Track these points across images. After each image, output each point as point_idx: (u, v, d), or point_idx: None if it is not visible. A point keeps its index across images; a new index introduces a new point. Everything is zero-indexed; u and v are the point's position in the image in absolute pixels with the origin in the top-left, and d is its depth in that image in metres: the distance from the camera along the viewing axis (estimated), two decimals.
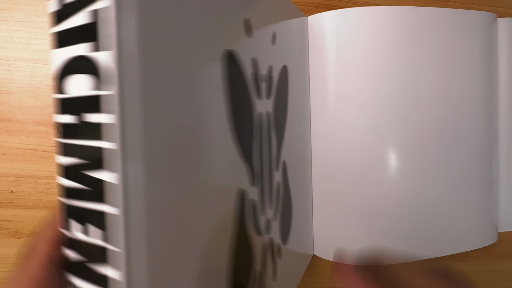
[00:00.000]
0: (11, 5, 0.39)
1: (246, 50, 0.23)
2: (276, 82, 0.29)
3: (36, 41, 0.39)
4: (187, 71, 0.17)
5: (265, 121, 0.27)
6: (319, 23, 0.39)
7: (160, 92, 0.15)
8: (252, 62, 0.24)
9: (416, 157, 0.39)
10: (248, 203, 0.24)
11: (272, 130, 0.28)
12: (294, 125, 0.34)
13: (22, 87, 0.39)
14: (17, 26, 0.39)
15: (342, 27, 0.38)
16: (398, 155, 0.38)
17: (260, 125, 0.26)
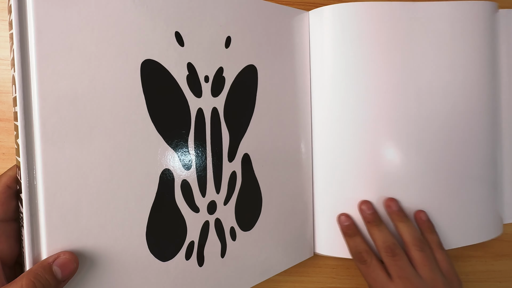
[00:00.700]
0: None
1: (177, 57, 0.29)
2: (233, 81, 0.33)
3: None
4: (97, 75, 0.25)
5: (208, 116, 0.31)
6: (319, 17, 0.39)
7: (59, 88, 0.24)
8: (188, 66, 0.30)
9: (419, 153, 0.39)
10: (178, 182, 0.29)
11: (222, 124, 0.32)
12: (271, 121, 0.36)
13: None
14: None
15: (341, 21, 0.38)
16: (401, 152, 0.38)
17: (202, 119, 0.31)
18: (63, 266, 0.21)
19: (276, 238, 0.38)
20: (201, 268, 0.31)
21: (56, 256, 0.22)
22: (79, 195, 0.24)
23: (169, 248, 0.29)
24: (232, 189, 0.34)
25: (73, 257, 0.22)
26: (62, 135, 0.24)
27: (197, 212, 0.31)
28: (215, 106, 0.32)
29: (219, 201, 0.33)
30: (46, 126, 0.23)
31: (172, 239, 0.30)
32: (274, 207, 0.37)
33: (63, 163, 0.24)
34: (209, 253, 0.32)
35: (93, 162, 0.25)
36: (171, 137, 0.29)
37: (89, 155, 0.25)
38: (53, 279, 0.21)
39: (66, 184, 0.24)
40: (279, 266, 0.38)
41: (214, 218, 0.32)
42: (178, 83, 0.29)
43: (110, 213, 0.26)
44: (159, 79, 0.28)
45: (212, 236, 0.32)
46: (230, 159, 0.33)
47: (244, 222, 0.35)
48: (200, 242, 0.31)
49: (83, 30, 0.24)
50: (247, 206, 0.35)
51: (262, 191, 0.36)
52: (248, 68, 0.34)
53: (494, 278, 0.47)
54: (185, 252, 0.30)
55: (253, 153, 0.35)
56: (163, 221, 0.29)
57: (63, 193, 0.24)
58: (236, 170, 0.34)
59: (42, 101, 0.23)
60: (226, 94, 0.33)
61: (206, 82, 0.31)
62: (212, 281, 0.32)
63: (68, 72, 0.24)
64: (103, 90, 0.25)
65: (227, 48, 0.33)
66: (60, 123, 0.24)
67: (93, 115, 0.25)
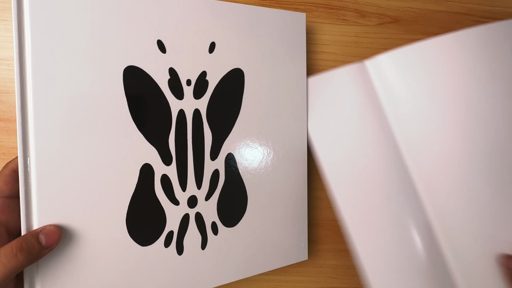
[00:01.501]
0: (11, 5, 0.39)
1: (159, 63, 0.32)
2: (216, 84, 0.35)
3: None
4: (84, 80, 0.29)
5: (190, 116, 0.34)
6: (377, 69, 0.37)
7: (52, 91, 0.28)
8: (170, 71, 0.32)
9: None
10: (158, 176, 0.33)
11: (204, 124, 0.34)
12: (259, 123, 0.37)
13: None
14: None
15: (405, 69, 0.35)
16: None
17: (183, 119, 0.33)
18: (48, 235, 0.27)
19: (263, 237, 0.38)
20: (181, 256, 0.34)
21: (43, 227, 0.27)
22: (67, 181, 0.29)
23: (148, 234, 0.33)
24: (214, 186, 0.35)
25: (57, 230, 0.27)
26: (53, 129, 0.28)
27: (177, 205, 0.34)
28: (197, 107, 0.34)
29: (200, 196, 0.35)
30: (39, 121, 0.28)
31: (150, 227, 0.33)
32: (261, 206, 0.38)
33: (53, 153, 0.28)
34: (189, 244, 0.34)
35: (80, 154, 0.29)
36: (151, 135, 0.32)
37: (76, 147, 0.29)
38: (38, 244, 0.26)
39: (56, 171, 0.28)
40: (267, 265, 0.39)
41: (195, 212, 0.35)
42: (159, 87, 0.32)
43: (94, 198, 0.30)
44: (141, 83, 0.31)
45: (192, 228, 0.35)
46: (213, 158, 0.35)
47: (227, 218, 0.36)
48: (179, 232, 0.34)
49: (71, 39, 0.29)
50: (230, 203, 0.36)
51: (247, 190, 0.37)
52: (233, 72, 0.36)
53: None
54: (164, 240, 0.33)
55: (238, 153, 0.36)
56: (143, 210, 0.32)
57: (53, 179, 0.28)
58: (219, 168, 0.36)
59: (36, 100, 0.28)
60: (209, 96, 0.35)
61: (188, 85, 0.34)
62: (192, 270, 0.35)
63: (58, 75, 0.28)
64: (89, 92, 0.29)
65: (211, 53, 0.35)
66: (51, 119, 0.28)
67: (80, 113, 0.29)
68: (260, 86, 0.37)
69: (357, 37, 0.44)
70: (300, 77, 0.40)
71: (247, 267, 0.38)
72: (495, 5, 0.46)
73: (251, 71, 0.37)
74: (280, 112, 0.38)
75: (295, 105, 0.39)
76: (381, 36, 0.44)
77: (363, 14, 0.44)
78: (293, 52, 0.39)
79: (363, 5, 0.44)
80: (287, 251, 0.40)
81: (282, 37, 0.38)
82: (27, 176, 0.27)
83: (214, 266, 0.36)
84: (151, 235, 0.33)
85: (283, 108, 0.39)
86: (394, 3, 0.45)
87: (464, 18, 0.45)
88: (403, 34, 0.44)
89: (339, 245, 0.44)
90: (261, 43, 0.37)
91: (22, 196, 0.27)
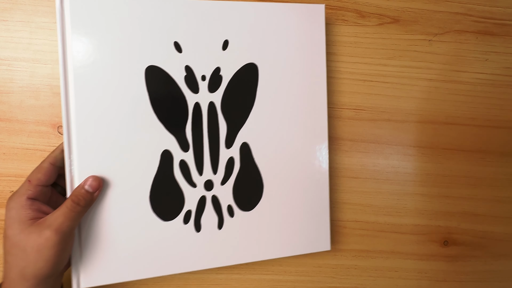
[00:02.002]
0: (12, 5, 0.39)
1: (176, 62, 0.36)
2: (230, 79, 0.38)
3: (37, 41, 0.39)
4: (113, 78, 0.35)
5: (206, 108, 0.37)
6: None
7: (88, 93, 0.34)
8: (186, 69, 0.36)
9: None
10: (177, 161, 0.37)
11: (219, 115, 0.38)
12: (273, 114, 0.39)
13: (22, 87, 0.39)
14: (17, 26, 0.39)
15: None
16: None
17: (198, 111, 0.37)
18: (91, 184, 0.33)
19: (281, 224, 0.40)
20: (198, 233, 0.38)
21: (85, 180, 0.33)
22: (100, 162, 0.35)
23: (169, 211, 0.37)
24: (229, 172, 0.38)
25: (96, 177, 0.34)
26: (89, 113, 0.34)
27: (194, 187, 0.38)
28: (212, 100, 0.38)
29: (216, 181, 0.38)
30: (79, 108, 0.34)
31: (171, 205, 0.37)
32: (278, 194, 0.40)
33: (90, 140, 0.34)
34: (206, 223, 0.38)
35: (110, 139, 0.35)
36: (170, 125, 0.36)
37: (106, 133, 0.35)
38: (86, 192, 0.33)
39: (92, 154, 0.35)
40: (285, 251, 0.40)
41: (211, 194, 0.38)
42: (176, 83, 0.36)
43: (122, 177, 0.35)
44: (160, 80, 0.36)
45: (209, 209, 0.38)
46: (228, 146, 0.38)
47: (243, 202, 0.39)
48: (197, 212, 0.38)
49: (104, 46, 0.35)
50: (245, 188, 0.39)
51: (263, 177, 0.39)
52: (247, 66, 0.38)
53: (494, 278, 0.47)
54: (183, 217, 0.37)
55: (253, 142, 0.39)
56: (164, 189, 0.37)
57: (89, 158, 0.34)
58: (234, 156, 0.38)
59: (77, 93, 0.34)
60: (223, 90, 0.38)
61: (203, 80, 0.37)
62: (209, 247, 0.38)
63: (93, 73, 0.34)
64: (117, 89, 0.35)
65: (224, 50, 0.38)
66: (87, 107, 0.34)
67: (111, 107, 0.35)
68: (275, 78, 0.39)
69: (356, 37, 0.44)
70: (320, 68, 0.40)
71: (264, 251, 0.40)
72: (494, 5, 0.46)
73: (265, 65, 0.39)
74: (298, 102, 0.40)
75: (314, 96, 0.40)
76: (380, 36, 0.44)
77: (363, 15, 0.44)
78: (311, 44, 0.40)
79: (363, 6, 0.44)
80: (307, 239, 0.40)
81: (299, 30, 0.39)
82: (71, 156, 0.34)
83: (231, 246, 0.38)
84: (171, 212, 0.37)
85: (301, 99, 0.40)
86: (394, 3, 0.45)
87: (464, 18, 0.45)
88: (402, 35, 0.44)
89: (339, 245, 0.45)
90: (275, 38, 0.39)
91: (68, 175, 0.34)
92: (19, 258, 0.30)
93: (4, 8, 0.39)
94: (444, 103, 0.45)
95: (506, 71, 0.46)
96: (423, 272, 0.46)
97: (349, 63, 0.43)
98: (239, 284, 0.44)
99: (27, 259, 0.30)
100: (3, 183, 0.40)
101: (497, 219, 0.46)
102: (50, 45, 0.39)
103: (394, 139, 0.45)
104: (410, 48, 0.44)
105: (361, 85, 0.44)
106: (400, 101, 0.44)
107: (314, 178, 0.40)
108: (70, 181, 0.34)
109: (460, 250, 0.46)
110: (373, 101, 0.44)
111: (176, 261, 0.37)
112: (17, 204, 0.31)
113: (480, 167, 0.46)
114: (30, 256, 0.30)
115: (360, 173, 0.44)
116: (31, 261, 0.30)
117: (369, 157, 0.44)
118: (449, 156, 0.45)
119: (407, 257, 0.45)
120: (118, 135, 0.35)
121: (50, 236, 0.30)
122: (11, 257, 0.31)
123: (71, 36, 0.34)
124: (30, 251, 0.30)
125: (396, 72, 0.44)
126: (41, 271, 0.30)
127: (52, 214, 0.31)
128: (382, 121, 0.44)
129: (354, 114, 0.44)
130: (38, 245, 0.30)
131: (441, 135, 0.45)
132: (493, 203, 0.46)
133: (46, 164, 0.34)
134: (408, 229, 0.45)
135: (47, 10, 0.39)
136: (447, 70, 0.45)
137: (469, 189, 0.46)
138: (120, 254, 0.35)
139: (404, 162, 0.45)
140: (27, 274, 0.30)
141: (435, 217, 0.46)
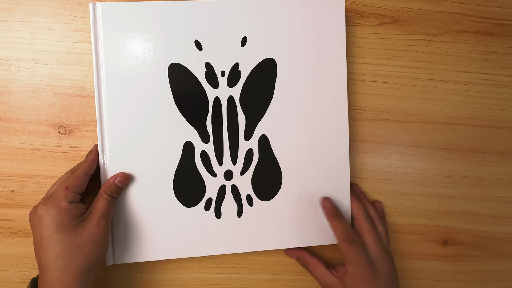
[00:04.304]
0: (12, 5, 0.39)
1: (197, 59, 0.39)
2: (249, 74, 0.39)
3: (37, 41, 0.39)
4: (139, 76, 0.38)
5: (225, 102, 0.39)
6: None
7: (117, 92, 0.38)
8: (206, 65, 0.39)
9: None
10: (198, 151, 0.39)
11: (238, 109, 0.39)
12: (292, 108, 0.40)
13: (22, 87, 0.39)
14: (17, 26, 0.39)
15: None
16: None
17: (218, 105, 0.39)
18: (120, 179, 0.37)
19: (300, 214, 0.41)
20: (219, 220, 0.40)
21: (115, 175, 0.37)
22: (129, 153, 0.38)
23: (191, 198, 0.40)
24: (248, 163, 0.40)
25: (125, 174, 0.38)
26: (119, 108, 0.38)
27: (215, 177, 0.40)
28: (231, 94, 0.39)
29: (235, 171, 0.40)
30: (110, 104, 0.38)
31: (193, 193, 0.40)
32: (297, 185, 0.41)
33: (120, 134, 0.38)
34: (226, 211, 0.40)
35: (136, 132, 0.38)
36: (191, 118, 0.39)
37: (134, 127, 0.38)
38: (115, 186, 0.37)
39: (122, 146, 0.38)
40: (304, 241, 0.41)
41: (231, 184, 0.40)
42: (197, 78, 0.39)
43: (148, 166, 0.39)
44: (182, 76, 0.39)
45: (228, 198, 0.40)
46: (247, 138, 0.40)
47: (261, 192, 0.41)
48: (217, 200, 0.40)
49: (132, 47, 0.38)
50: (264, 179, 0.40)
51: (282, 169, 0.41)
52: (266, 61, 0.40)
53: (494, 278, 0.47)
54: (204, 204, 0.40)
55: (272, 135, 0.40)
56: (186, 177, 0.39)
57: (120, 150, 0.38)
58: (252, 148, 0.40)
59: (108, 88, 0.37)
60: (242, 84, 0.39)
61: (223, 76, 0.39)
62: (228, 234, 0.40)
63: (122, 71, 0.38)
64: (144, 84, 0.38)
65: (243, 47, 0.39)
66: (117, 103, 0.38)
67: (136, 102, 0.38)
68: (294, 72, 0.40)
69: (356, 37, 0.44)
70: (340, 60, 0.40)
71: (283, 239, 0.41)
72: (494, 5, 0.46)
73: (284, 59, 0.40)
74: (318, 95, 0.40)
75: (334, 88, 0.40)
76: (380, 36, 0.44)
77: (363, 15, 0.44)
78: (331, 37, 0.40)
79: (363, 6, 0.44)
80: (328, 231, 0.41)
81: (318, 24, 0.40)
82: (104, 148, 0.38)
83: (250, 233, 0.40)
84: (193, 199, 0.40)
85: (321, 92, 0.40)
86: (393, 3, 0.45)
87: (463, 18, 0.45)
88: (402, 35, 0.45)
89: None
90: (294, 33, 0.39)
91: (101, 164, 0.38)
92: (74, 256, 0.33)
93: (4, 8, 0.39)
94: (443, 103, 0.45)
95: (506, 71, 0.46)
96: (423, 272, 0.46)
97: (349, 63, 0.43)
98: (239, 284, 0.44)
99: (84, 252, 0.33)
100: (3, 183, 0.40)
101: (496, 219, 0.46)
102: (50, 45, 0.40)
103: (393, 139, 0.45)
104: (410, 48, 0.45)
105: (360, 85, 0.44)
106: (399, 101, 0.44)
107: (334, 171, 0.41)
108: (103, 172, 0.38)
109: (460, 250, 0.46)
110: (372, 101, 0.44)
111: (198, 245, 0.40)
112: (58, 209, 0.33)
113: (479, 167, 0.46)
114: (86, 249, 0.33)
115: (359, 173, 0.45)
116: (87, 253, 0.33)
117: (369, 157, 0.44)
118: (448, 156, 0.45)
119: (407, 256, 0.46)
120: (144, 129, 0.38)
121: (102, 224, 0.34)
122: (64, 259, 0.32)
123: (103, 40, 0.37)
124: (86, 243, 0.33)
125: (395, 72, 0.44)
126: (96, 260, 0.34)
127: (94, 206, 0.35)
128: (382, 121, 0.44)
129: (354, 114, 0.44)
130: (93, 234, 0.33)
131: (440, 135, 0.45)
132: (492, 203, 0.46)
133: (81, 173, 0.36)
134: (408, 229, 0.45)
135: (47, 10, 0.39)
136: (446, 70, 0.45)
137: (468, 189, 0.46)
138: (146, 236, 0.39)
139: (403, 162, 0.45)
140: (83, 269, 0.33)
141: (435, 217, 0.46)
